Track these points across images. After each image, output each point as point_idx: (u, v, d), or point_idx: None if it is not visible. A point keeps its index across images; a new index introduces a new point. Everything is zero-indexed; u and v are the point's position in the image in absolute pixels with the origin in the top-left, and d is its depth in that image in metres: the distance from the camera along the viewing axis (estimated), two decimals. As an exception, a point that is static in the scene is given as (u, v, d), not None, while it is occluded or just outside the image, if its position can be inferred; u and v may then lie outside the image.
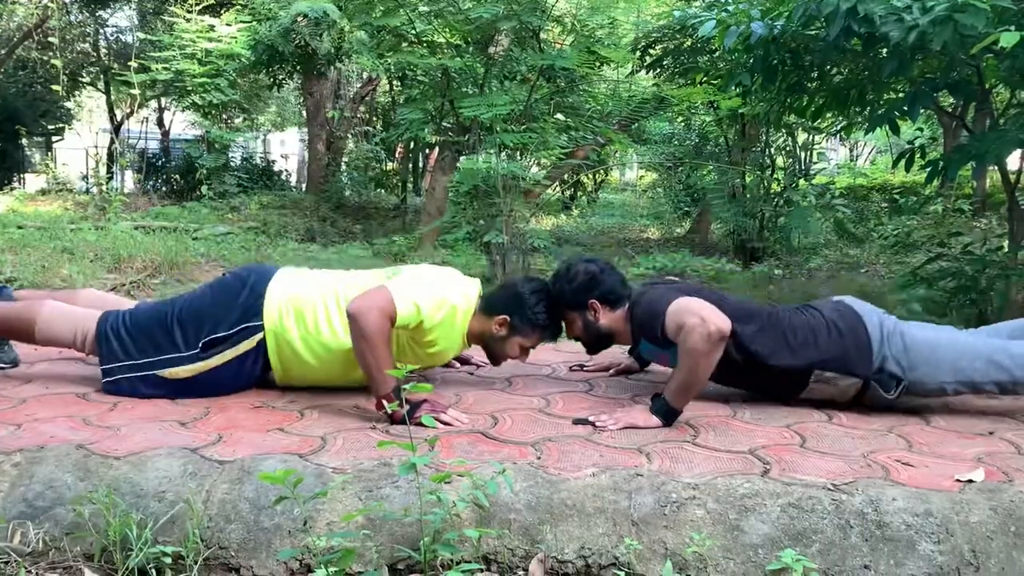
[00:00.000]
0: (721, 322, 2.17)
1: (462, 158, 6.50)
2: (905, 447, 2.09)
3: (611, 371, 2.95)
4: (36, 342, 2.64)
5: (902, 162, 4.18)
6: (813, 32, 3.72)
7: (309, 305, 2.48)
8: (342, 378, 2.54)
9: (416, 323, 2.38)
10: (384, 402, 2.20)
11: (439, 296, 2.44)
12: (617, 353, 2.98)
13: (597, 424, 2.23)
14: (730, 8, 3.90)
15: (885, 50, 3.58)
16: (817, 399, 2.48)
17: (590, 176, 14.02)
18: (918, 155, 4.14)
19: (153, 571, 1.64)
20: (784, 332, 2.43)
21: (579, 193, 14.53)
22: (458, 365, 3.01)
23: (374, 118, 15.59)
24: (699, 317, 2.18)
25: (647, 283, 2.76)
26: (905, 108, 3.73)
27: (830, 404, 2.49)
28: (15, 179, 17.42)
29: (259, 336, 2.49)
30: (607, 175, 16.17)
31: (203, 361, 2.48)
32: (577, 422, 2.27)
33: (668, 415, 2.25)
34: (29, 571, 1.63)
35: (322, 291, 2.51)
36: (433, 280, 2.52)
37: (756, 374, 2.44)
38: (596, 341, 2.66)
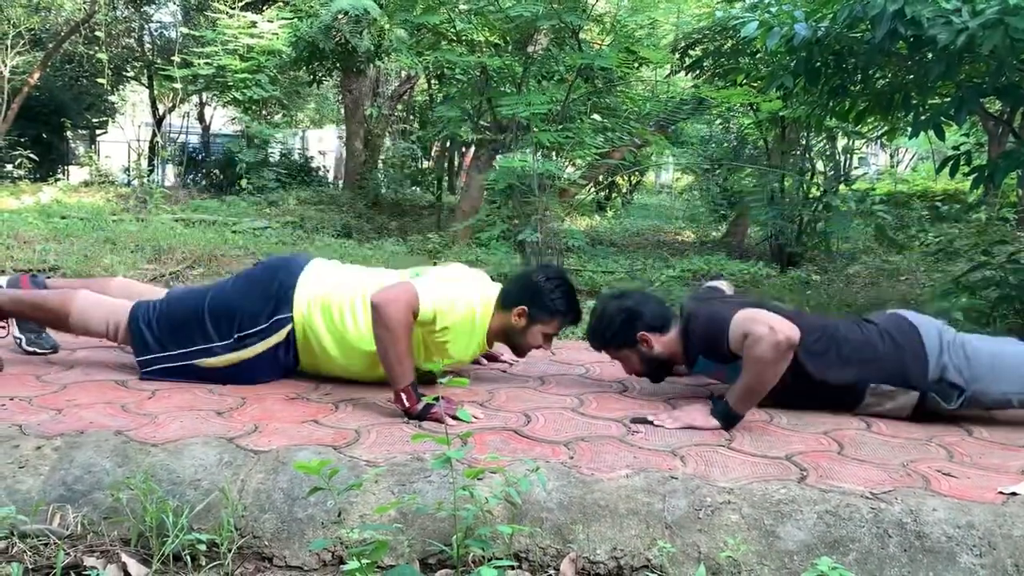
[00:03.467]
0: (790, 331, 2.15)
1: (498, 157, 6.50)
2: (946, 457, 2.04)
3: (685, 376, 2.87)
4: (70, 331, 2.69)
5: (945, 169, 4.10)
6: (858, 34, 3.67)
7: (336, 301, 2.52)
8: (365, 374, 2.57)
9: (433, 319, 2.39)
10: (402, 395, 2.24)
11: (459, 295, 2.47)
12: None
13: (655, 422, 2.23)
14: (773, 9, 3.86)
15: (931, 53, 3.52)
16: (875, 413, 2.43)
17: (625, 178, 13.96)
18: (963, 161, 4.06)
19: (188, 557, 1.66)
20: (839, 346, 2.40)
21: (614, 194, 14.47)
22: (486, 362, 3.01)
23: (411, 116, 15.67)
24: (767, 326, 2.16)
25: (696, 297, 2.73)
26: (951, 113, 3.66)
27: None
28: (60, 171, 17.74)
29: (288, 327, 2.53)
30: (643, 177, 16.10)
31: (236, 352, 2.52)
32: (635, 420, 2.27)
33: (729, 419, 2.23)
34: (68, 554, 1.65)
35: (350, 288, 2.54)
36: (455, 280, 2.55)
37: (811, 390, 2.40)
38: (657, 370, 2.63)
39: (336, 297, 2.53)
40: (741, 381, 2.23)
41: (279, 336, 2.53)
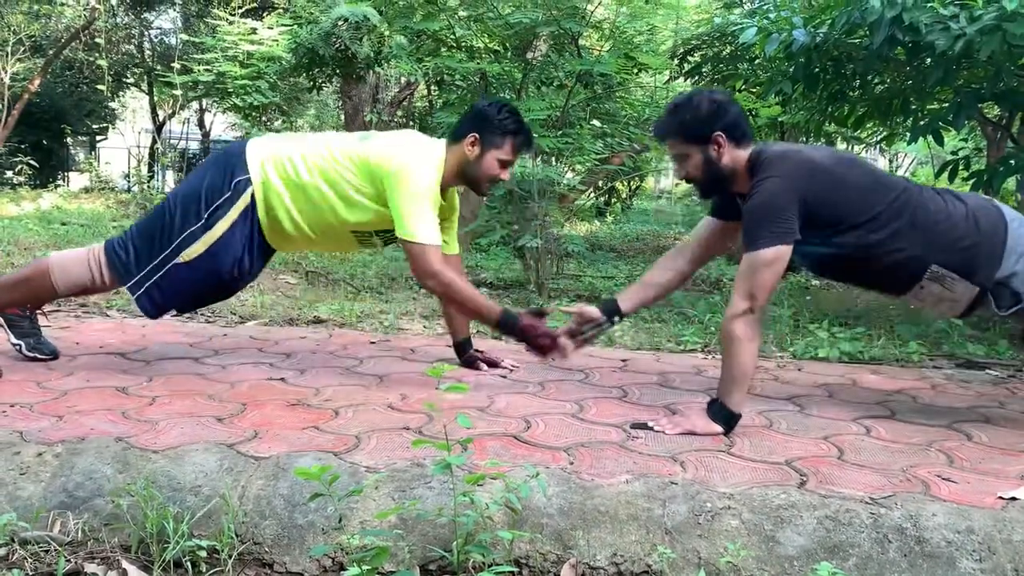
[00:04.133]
0: (763, 300, 2.16)
1: (498, 163, 6.50)
2: (946, 462, 2.05)
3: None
4: (59, 292, 2.74)
5: (944, 174, 4.12)
6: (856, 40, 3.69)
7: (286, 154, 2.66)
8: (337, 232, 2.73)
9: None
10: (504, 326, 2.61)
11: (430, 186, 2.60)
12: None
13: (655, 428, 2.22)
14: (772, 15, 3.87)
15: (929, 59, 3.54)
16: (921, 303, 2.33)
17: (625, 183, 13.96)
18: (962, 166, 4.07)
19: (188, 564, 1.66)
20: (915, 213, 2.22)
21: (613, 200, 14.48)
22: (486, 368, 3.02)
23: (411, 122, 15.68)
24: (749, 298, 2.15)
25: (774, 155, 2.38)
26: (950, 118, 3.67)
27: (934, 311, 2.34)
28: (60, 177, 17.78)
29: (250, 189, 2.64)
30: (642, 182, 16.11)
31: (210, 231, 2.61)
32: (635, 426, 2.26)
33: (729, 419, 2.20)
34: (68, 560, 1.65)
35: (295, 145, 2.69)
36: (418, 172, 2.60)
37: (866, 260, 2.26)
38: (713, 181, 2.38)
39: (284, 152, 2.66)
40: (722, 371, 2.22)
41: (244, 199, 2.63)
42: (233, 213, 2.62)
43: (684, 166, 2.39)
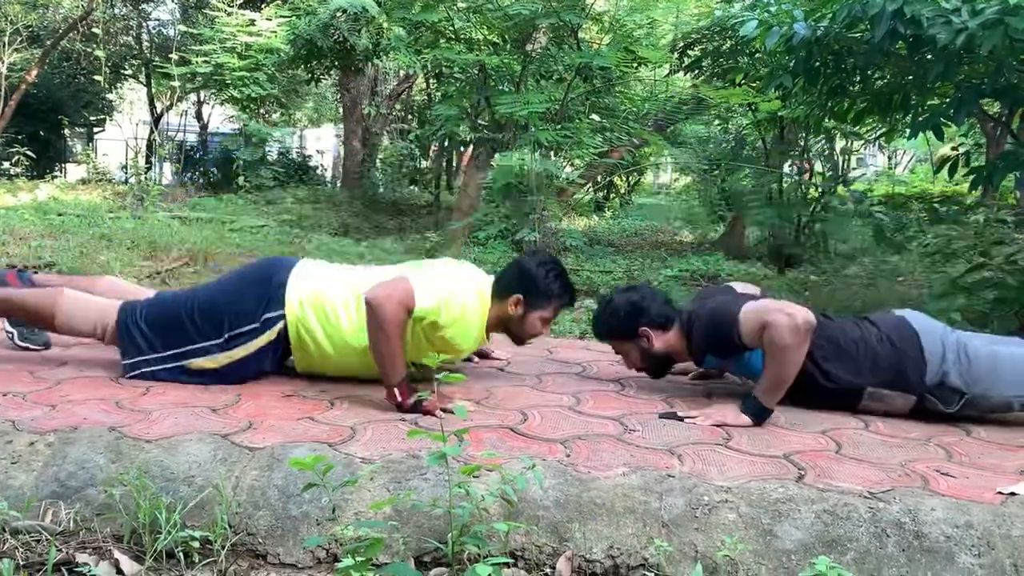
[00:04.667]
0: (806, 313, 2.19)
1: (496, 156, 6.49)
2: (945, 457, 2.03)
3: (689, 375, 2.89)
4: (57, 331, 2.65)
5: (943, 170, 4.10)
6: (857, 34, 3.67)
7: (330, 299, 2.50)
8: (360, 370, 2.55)
9: (432, 318, 2.38)
10: (395, 391, 2.25)
11: (456, 290, 2.45)
12: None
13: (686, 419, 2.25)
14: (772, 9, 3.85)
15: (930, 53, 3.52)
16: (874, 412, 2.43)
17: (623, 178, 13.95)
18: (961, 162, 4.06)
19: (181, 554, 1.65)
20: (839, 347, 2.40)
21: (612, 195, 14.47)
22: (477, 360, 3.00)
23: (409, 115, 15.66)
24: (783, 313, 2.19)
25: (703, 295, 2.76)
26: (950, 113, 3.66)
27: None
28: (57, 168, 17.72)
29: (280, 326, 2.50)
30: (641, 177, 16.10)
31: (227, 352, 2.49)
32: (664, 416, 2.29)
33: (760, 414, 2.25)
34: (60, 550, 1.64)
35: (342, 286, 2.52)
36: (451, 275, 2.53)
37: (811, 389, 2.40)
38: (657, 366, 2.67)
39: (329, 294, 2.51)
40: (767, 372, 2.25)
41: (270, 335, 2.51)
42: (254, 346, 2.50)
43: (628, 359, 2.68)
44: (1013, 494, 1.75)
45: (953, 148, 4.53)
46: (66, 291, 2.62)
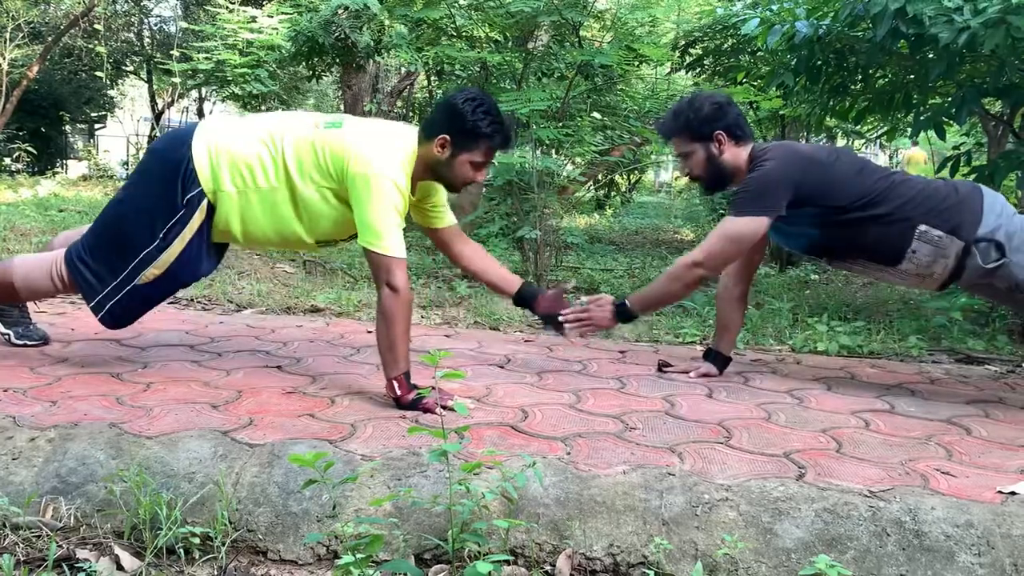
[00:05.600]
0: (713, 272, 2.55)
1: (497, 153, 6.48)
2: (945, 456, 2.03)
3: (691, 373, 2.89)
4: (22, 299, 2.65)
5: (945, 169, 4.10)
6: (859, 32, 3.67)
7: (241, 158, 2.40)
8: (287, 239, 2.50)
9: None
10: (394, 384, 2.25)
11: (395, 191, 2.32)
12: (696, 358, 3.03)
13: (564, 324, 2.69)
14: (774, 7, 3.85)
15: (932, 52, 3.51)
16: (916, 271, 2.50)
17: (624, 176, 13.94)
18: (963, 161, 4.05)
19: (181, 551, 1.65)
20: (898, 187, 2.47)
21: (613, 193, 14.45)
22: (584, 298, 2.91)
23: (411, 113, 15.64)
24: (704, 254, 2.51)
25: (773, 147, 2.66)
26: (952, 112, 3.65)
27: (921, 284, 2.60)
28: (58, 164, 17.72)
29: (204, 202, 2.42)
30: (642, 175, 16.09)
31: (166, 251, 2.43)
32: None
33: (625, 317, 2.71)
34: (60, 546, 1.64)
35: (253, 139, 2.42)
36: (383, 175, 2.32)
37: (860, 230, 2.45)
38: (716, 177, 2.61)
39: (239, 153, 2.40)
40: (652, 287, 2.63)
41: (200, 214, 2.42)
42: (188, 231, 2.42)
43: (688, 163, 2.62)
44: (1013, 493, 1.74)
45: (954, 148, 4.52)
46: (16, 258, 2.63)
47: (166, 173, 2.43)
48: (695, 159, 2.58)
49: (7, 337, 2.82)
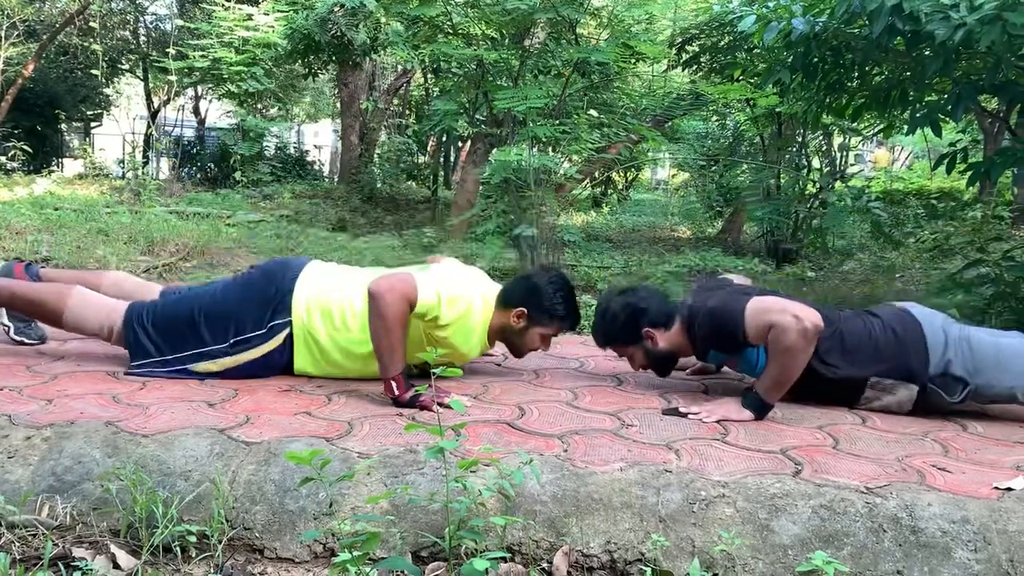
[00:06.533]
0: (815, 317, 2.21)
1: (494, 151, 6.48)
2: (941, 452, 2.04)
3: (687, 370, 2.89)
4: (62, 328, 2.66)
5: (941, 166, 4.10)
6: (855, 29, 3.66)
7: (336, 304, 2.49)
8: (362, 372, 2.54)
9: (434, 314, 2.38)
10: (392, 384, 2.26)
11: (459, 292, 2.45)
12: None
13: (690, 415, 2.26)
14: (771, 4, 3.84)
15: (928, 49, 3.51)
16: (876, 408, 2.43)
17: (621, 174, 13.93)
18: (959, 158, 4.05)
19: (178, 549, 1.64)
20: (843, 339, 2.40)
21: (610, 191, 14.45)
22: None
23: (407, 111, 15.62)
24: (791, 315, 2.20)
25: (702, 288, 2.72)
26: (948, 109, 3.65)
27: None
28: (54, 163, 17.68)
29: (286, 332, 2.50)
30: (638, 173, 16.08)
31: (231, 357, 2.50)
32: (667, 412, 2.30)
33: (761, 409, 2.27)
34: (56, 544, 1.64)
35: (349, 289, 2.51)
36: (457, 277, 2.53)
37: (812, 383, 2.39)
38: (662, 364, 2.64)
39: (336, 300, 2.49)
40: (770, 371, 2.27)
41: (276, 341, 2.50)
42: (259, 351, 2.50)
43: (633, 362, 2.63)
44: (1009, 489, 1.75)
45: (951, 145, 4.53)
46: (76, 289, 2.62)
47: (262, 292, 2.54)
48: (636, 358, 2.61)
49: (7, 329, 2.82)
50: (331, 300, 2.49)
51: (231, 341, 2.49)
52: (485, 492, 1.62)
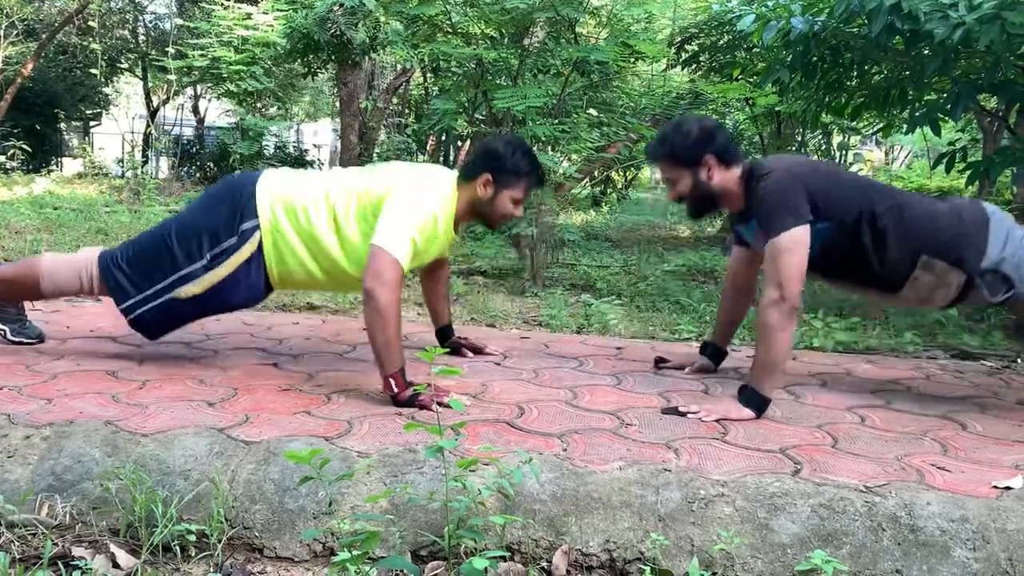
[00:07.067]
0: (796, 298, 2.22)
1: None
2: (940, 451, 2.04)
3: (686, 369, 2.89)
4: (45, 296, 2.72)
5: (940, 166, 4.10)
6: (854, 29, 3.67)
7: (299, 202, 2.53)
8: (336, 279, 2.60)
9: (415, 251, 2.43)
10: (390, 381, 2.26)
11: (425, 216, 2.44)
12: (692, 354, 3.01)
13: (689, 414, 2.24)
14: (770, 3, 3.85)
15: (928, 48, 3.52)
16: (918, 298, 2.42)
17: (620, 173, 13.94)
18: (958, 157, 4.06)
19: (177, 548, 1.65)
20: (903, 213, 2.37)
21: (609, 190, 14.45)
22: (471, 355, 3.00)
23: (407, 110, 15.63)
24: (778, 287, 2.22)
25: (770, 160, 2.57)
26: (947, 108, 3.66)
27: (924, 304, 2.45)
28: (53, 162, 17.68)
29: (257, 236, 2.53)
30: (638, 172, 16.09)
31: (211, 272, 2.52)
32: (667, 412, 2.28)
33: (761, 405, 2.26)
34: (56, 544, 1.64)
35: (311, 188, 2.56)
36: (415, 197, 2.46)
37: (867, 258, 2.38)
38: (703, 202, 2.52)
39: (299, 198, 2.53)
40: (757, 356, 2.27)
41: (250, 246, 2.53)
42: (237, 259, 2.52)
43: (675, 188, 2.53)
44: (1009, 488, 1.75)
45: (950, 144, 4.53)
46: (44, 256, 2.71)
47: (225, 203, 2.57)
48: (681, 185, 2.50)
49: (3, 333, 2.81)
50: (294, 198, 2.54)
51: (207, 257, 2.52)
52: (484, 491, 1.62)
